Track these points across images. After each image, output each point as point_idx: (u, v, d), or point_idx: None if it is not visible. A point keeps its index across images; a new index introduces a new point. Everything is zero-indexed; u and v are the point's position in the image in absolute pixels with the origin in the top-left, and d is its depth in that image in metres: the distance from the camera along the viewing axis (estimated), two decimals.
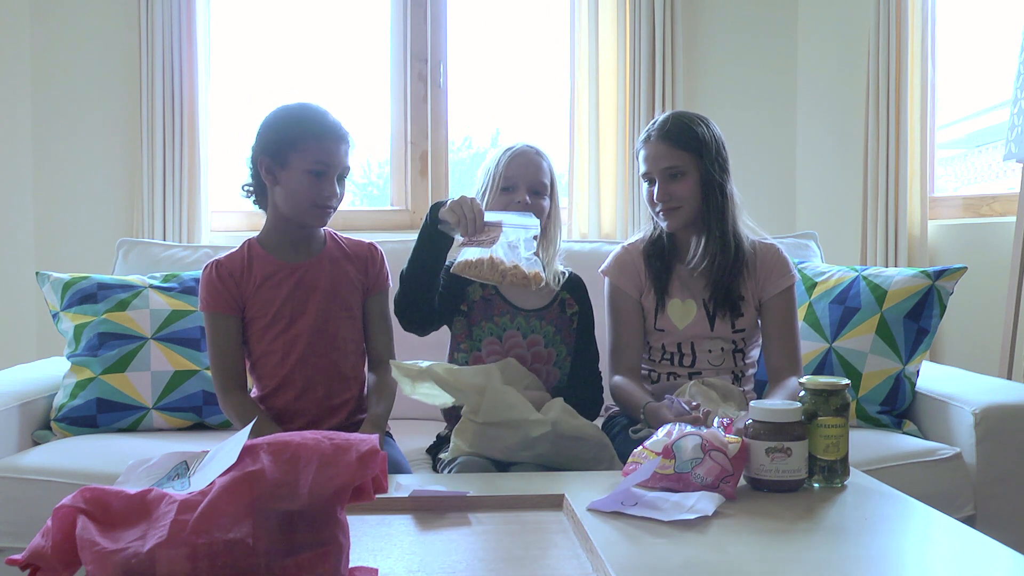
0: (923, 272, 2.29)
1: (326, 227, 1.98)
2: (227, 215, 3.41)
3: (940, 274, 2.27)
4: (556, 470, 1.76)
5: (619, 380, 2.03)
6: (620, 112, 3.37)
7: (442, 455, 1.86)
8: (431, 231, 1.85)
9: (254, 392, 1.95)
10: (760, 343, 2.13)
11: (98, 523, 1.00)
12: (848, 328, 2.29)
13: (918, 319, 2.25)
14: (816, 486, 1.57)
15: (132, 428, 2.26)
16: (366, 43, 3.58)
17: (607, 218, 3.40)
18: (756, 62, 3.53)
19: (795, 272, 2.09)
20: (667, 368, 2.09)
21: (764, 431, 1.52)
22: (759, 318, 2.09)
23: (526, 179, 1.98)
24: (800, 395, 1.61)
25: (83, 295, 2.32)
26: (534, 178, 1.99)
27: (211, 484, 1.03)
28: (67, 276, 2.37)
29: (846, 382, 1.59)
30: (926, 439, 2.17)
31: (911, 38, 3.13)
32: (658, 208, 2.03)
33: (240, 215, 3.41)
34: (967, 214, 3.20)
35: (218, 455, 1.12)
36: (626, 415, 2.02)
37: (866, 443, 2.06)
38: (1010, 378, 2.68)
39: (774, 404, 1.56)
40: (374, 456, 1.05)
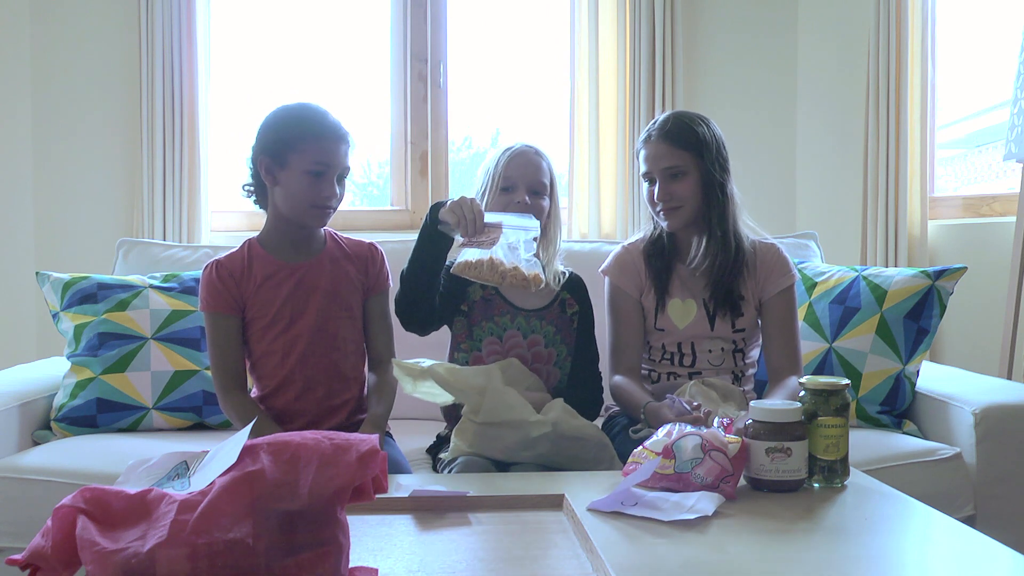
0: (923, 272, 2.29)
1: (326, 227, 1.98)
2: (227, 215, 3.41)
3: (940, 274, 2.27)
4: (556, 470, 1.76)
5: (619, 380, 2.03)
6: (620, 112, 3.37)
7: (442, 455, 1.86)
8: (431, 231, 1.84)
9: (254, 392, 1.95)
10: (760, 343, 2.13)
11: (98, 523, 1.00)
12: (848, 328, 2.29)
13: (918, 319, 2.25)
14: (816, 486, 1.57)
15: (132, 428, 2.27)
16: (366, 43, 3.58)
17: (607, 218, 3.40)
18: (756, 62, 3.53)
19: (795, 272, 2.09)
20: (667, 368, 2.09)
21: (764, 431, 1.52)
22: (759, 318, 2.09)
23: (525, 179, 1.98)
24: (800, 395, 1.61)
25: (83, 295, 2.33)
26: (533, 178, 1.98)
27: (211, 484, 1.03)
28: (67, 276, 2.38)
29: (846, 382, 1.59)
30: (926, 439, 2.17)
31: (911, 38, 3.13)
32: (659, 208, 2.03)
33: (240, 215, 3.41)
34: (967, 214, 3.20)
35: (218, 455, 1.12)
36: (626, 415, 2.02)
37: (866, 443, 2.06)
38: (1010, 378, 2.68)
39: (774, 404, 1.56)
40: (374, 456, 1.05)
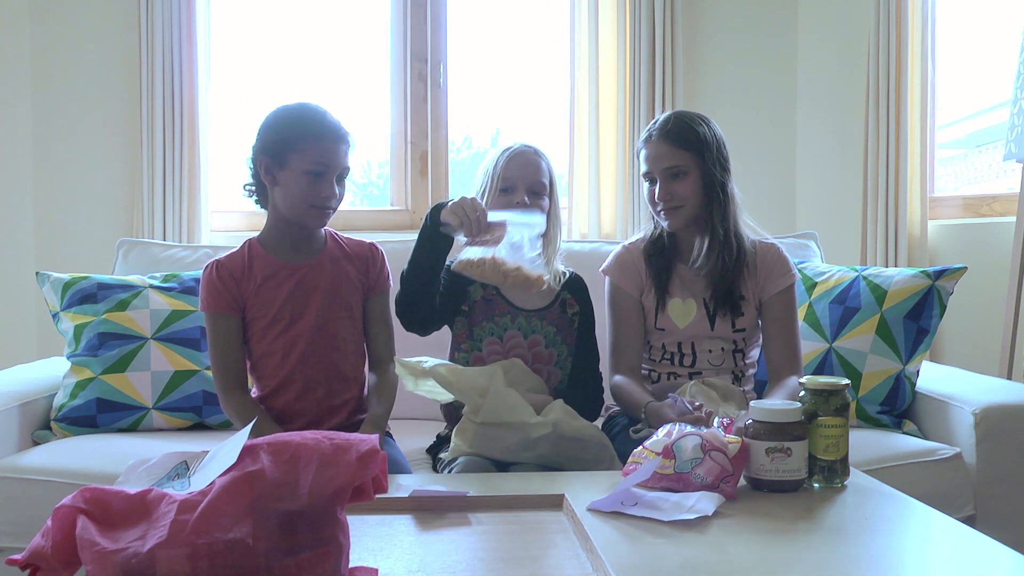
0: (923, 272, 2.29)
1: (327, 227, 1.98)
2: (227, 215, 3.41)
3: (940, 274, 2.27)
4: (556, 470, 1.76)
5: (620, 380, 2.03)
6: (620, 112, 3.37)
7: (442, 455, 1.86)
8: (431, 232, 1.84)
9: (254, 392, 1.95)
10: (760, 343, 2.13)
11: (98, 523, 1.00)
12: (848, 328, 2.29)
13: (918, 319, 2.25)
14: (816, 486, 1.57)
15: (132, 428, 2.27)
16: (366, 43, 3.58)
17: (607, 218, 3.40)
18: (756, 62, 3.53)
19: (795, 271, 2.09)
20: (667, 368, 2.08)
21: (764, 431, 1.52)
22: (759, 318, 2.09)
23: (525, 179, 1.97)
24: (800, 395, 1.61)
25: (83, 295, 2.33)
26: (533, 178, 1.98)
27: (211, 484, 1.03)
28: (67, 276, 2.37)
29: (846, 382, 1.59)
30: (926, 439, 2.17)
31: (911, 38, 3.13)
32: (659, 208, 2.02)
33: (240, 215, 3.41)
34: (967, 214, 3.20)
35: (218, 455, 1.12)
36: (626, 415, 2.02)
37: (866, 443, 2.06)
38: (1010, 378, 2.68)
39: (774, 404, 1.55)
40: (374, 456, 1.05)
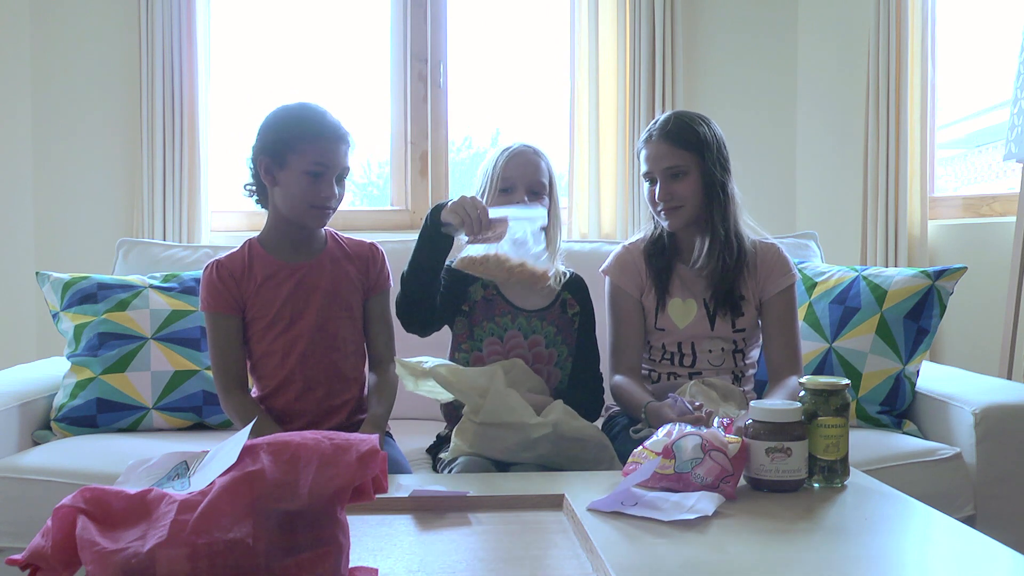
0: (923, 272, 2.29)
1: (327, 227, 1.98)
2: (227, 215, 3.41)
3: (940, 274, 2.27)
4: (556, 471, 1.76)
5: (620, 380, 2.03)
6: (620, 112, 3.37)
7: (442, 455, 1.86)
8: (432, 233, 1.83)
9: (254, 392, 1.95)
10: (760, 343, 2.13)
11: (98, 523, 1.00)
12: (848, 328, 2.29)
13: (918, 319, 2.25)
14: (816, 486, 1.57)
15: (132, 428, 2.27)
16: (366, 43, 3.58)
17: (607, 218, 3.40)
18: (756, 62, 3.53)
19: (795, 271, 2.09)
20: (667, 368, 2.08)
21: (764, 431, 1.52)
22: (759, 318, 2.09)
23: (524, 179, 1.97)
24: (800, 395, 1.61)
25: (83, 295, 2.32)
26: (532, 178, 1.98)
27: (211, 484, 1.03)
28: (67, 276, 2.37)
29: (846, 382, 1.59)
30: (926, 439, 2.17)
31: (911, 38, 3.13)
32: (660, 208, 2.02)
33: (240, 215, 3.41)
34: (967, 214, 3.20)
35: (218, 455, 1.12)
36: (627, 415, 2.02)
37: (866, 443, 2.06)
38: (1010, 378, 2.68)
39: (774, 404, 1.55)
40: (374, 456, 1.05)
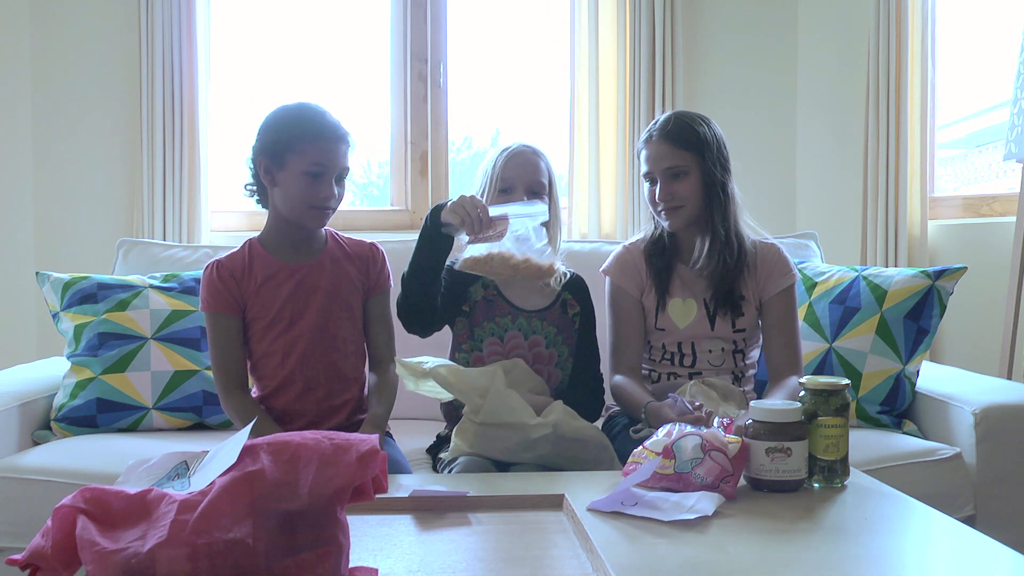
0: (923, 272, 2.29)
1: (327, 227, 1.98)
2: (227, 215, 3.41)
3: (940, 274, 2.27)
4: (556, 471, 1.76)
5: (620, 380, 2.02)
6: (620, 112, 3.37)
7: (442, 455, 1.86)
8: (432, 233, 1.83)
9: (255, 392, 1.95)
10: (760, 344, 2.13)
11: (98, 523, 1.00)
12: (848, 328, 2.29)
13: (918, 319, 2.25)
14: (816, 486, 1.57)
15: (132, 428, 2.27)
16: (366, 43, 3.58)
17: (607, 218, 3.40)
18: (756, 62, 3.53)
19: (796, 271, 2.09)
20: (667, 368, 2.08)
21: (764, 431, 1.52)
22: (760, 318, 2.09)
23: (524, 179, 1.97)
24: (800, 395, 1.61)
25: (83, 295, 2.32)
26: (532, 178, 1.98)
27: (211, 484, 1.03)
28: (67, 276, 2.37)
29: (846, 382, 1.59)
30: (926, 439, 2.17)
31: (911, 38, 3.13)
32: (660, 208, 2.02)
33: (240, 215, 3.41)
34: (967, 214, 3.20)
35: (218, 455, 1.12)
36: (627, 415, 2.02)
37: (866, 443, 2.06)
38: (1010, 378, 2.68)
39: (774, 404, 1.55)
40: (374, 456, 1.05)
